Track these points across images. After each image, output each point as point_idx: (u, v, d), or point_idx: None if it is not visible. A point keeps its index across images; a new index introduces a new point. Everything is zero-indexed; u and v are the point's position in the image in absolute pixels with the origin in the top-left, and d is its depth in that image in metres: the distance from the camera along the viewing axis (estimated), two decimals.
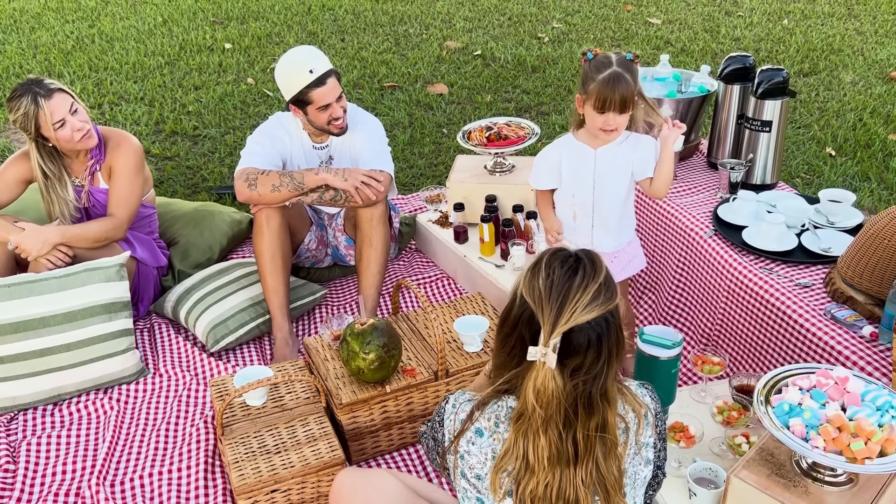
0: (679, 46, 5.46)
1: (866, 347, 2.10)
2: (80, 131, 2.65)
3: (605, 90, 2.08)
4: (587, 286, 1.26)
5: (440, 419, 1.43)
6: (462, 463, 1.36)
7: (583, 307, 1.24)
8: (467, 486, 1.37)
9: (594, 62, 2.13)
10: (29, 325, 2.43)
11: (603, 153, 2.25)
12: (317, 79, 2.58)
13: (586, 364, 1.26)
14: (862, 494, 1.64)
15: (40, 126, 2.61)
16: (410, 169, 4.04)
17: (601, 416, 1.29)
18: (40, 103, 2.58)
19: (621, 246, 2.38)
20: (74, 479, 2.24)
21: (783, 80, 2.76)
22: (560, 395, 1.25)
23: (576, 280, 1.26)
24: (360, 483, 1.79)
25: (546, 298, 1.25)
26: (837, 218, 2.61)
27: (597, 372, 1.27)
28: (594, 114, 2.14)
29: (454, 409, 1.40)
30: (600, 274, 1.29)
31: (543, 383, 1.25)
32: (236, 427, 2.19)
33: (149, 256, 2.91)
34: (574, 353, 1.25)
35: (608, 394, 1.29)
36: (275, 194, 2.63)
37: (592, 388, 1.27)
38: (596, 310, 1.25)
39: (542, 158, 2.35)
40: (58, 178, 2.73)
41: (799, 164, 3.91)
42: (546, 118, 4.55)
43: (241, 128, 4.49)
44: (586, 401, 1.27)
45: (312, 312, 2.99)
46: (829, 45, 5.41)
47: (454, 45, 5.62)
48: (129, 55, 5.51)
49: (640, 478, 1.38)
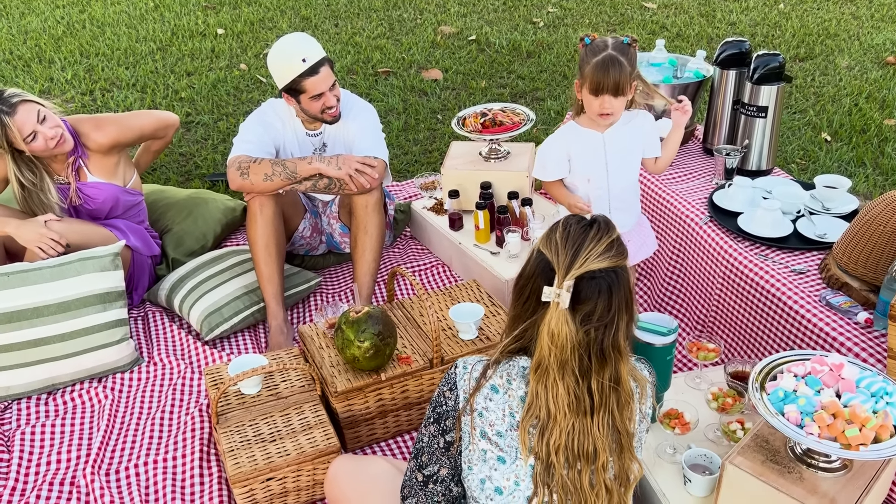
0: (675, 31, 5.43)
1: (861, 334, 2.10)
2: (53, 139, 2.60)
3: (599, 74, 2.09)
4: (601, 238, 1.36)
5: (450, 385, 1.46)
6: (481, 421, 1.40)
7: (596, 255, 1.34)
8: (488, 446, 1.40)
9: (590, 47, 2.13)
10: (23, 314, 2.42)
11: (611, 135, 2.25)
12: (310, 68, 2.55)
13: (597, 312, 1.33)
14: (856, 480, 1.64)
15: (12, 142, 2.57)
16: (405, 156, 4.02)
17: (613, 367, 1.36)
18: (5, 122, 2.51)
19: (634, 220, 2.39)
20: (69, 468, 2.24)
21: (779, 65, 2.75)
22: (573, 339, 1.32)
23: (590, 232, 1.37)
24: (356, 470, 1.80)
25: (562, 246, 1.36)
26: (833, 204, 2.61)
27: (607, 321, 1.34)
28: (591, 98, 2.15)
29: (466, 370, 1.45)
30: (613, 232, 1.39)
31: (557, 326, 1.32)
32: (231, 415, 2.18)
33: (142, 245, 2.90)
34: (586, 299, 1.33)
35: (619, 347, 1.36)
36: (267, 183, 2.62)
37: (604, 337, 1.34)
38: (607, 260, 1.34)
39: (548, 149, 2.32)
40: (38, 187, 2.68)
41: (794, 149, 3.91)
42: (541, 104, 4.53)
43: (235, 114, 4.46)
44: (598, 349, 1.35)
45: (307, 300, 2.98)
46: (826, 29, 5.39)
47: (449, 30, 5.58)
48: (121, 41, 5.46)
49: (642, 443, 1.48)
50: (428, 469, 1.47)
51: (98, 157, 2.79)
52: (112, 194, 2.82)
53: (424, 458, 1.48)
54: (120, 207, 2.88)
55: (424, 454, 1.48)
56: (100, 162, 2.79)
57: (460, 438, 1.43)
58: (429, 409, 1.50)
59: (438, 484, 1.46)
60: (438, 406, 1.47)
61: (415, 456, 1.50)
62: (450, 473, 1.46)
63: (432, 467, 1.46)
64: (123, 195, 2.87)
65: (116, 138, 2.77)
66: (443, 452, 1.46)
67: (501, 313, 2.47)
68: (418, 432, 1.51)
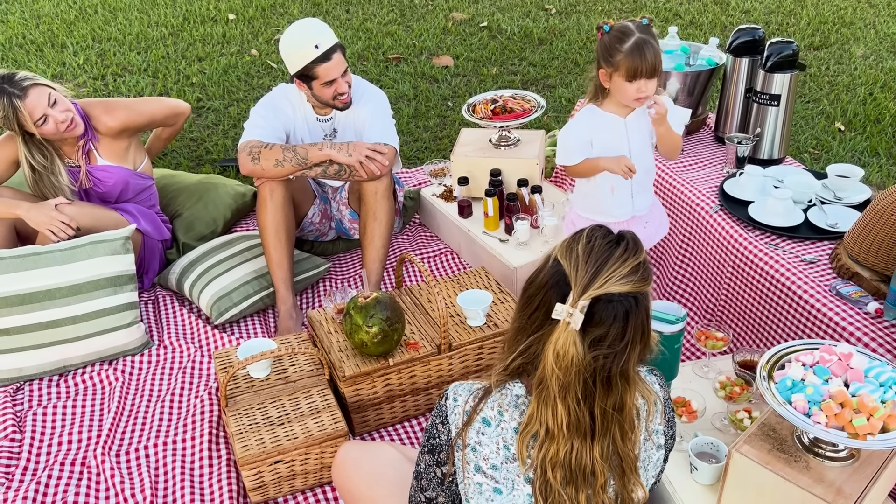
0: (688, 19, 5.39)
1: (871, 324, 2.09)
2: (63, 122, 2.62)
3: (635, 58, 2.04)
4: (627, 259, 1.24)
5: (441, 418, 1.38)
6: (475, 455, 1.33)
7: (619, 277, 1.22)
8: (483, 479, 1.33)
9: (613, 33, 2.08)
10: (35, 297, 2.44)
11: (633, 120, 2.23)
12: (322, 54, 2.55)
13: (609, 338, 1.23)
14: (863, 470, 1.64)
15: (23, 125, 2.58)
16: (415, 142, 4.02)
17: (618, 395, 1.27)
18: (16, 105, 2.53)
19: (651, 202, 2.37)
20: (80, 448, 2.27)
21: (793, 53, 2.72)
22: (580, 363, 1.23)
23: (616, 251, 1.25)
24: (363, 456, 1.81)
25: (583, 261, 1.24)
26: (845, 193, 2.59)
27: (619, 350, 1.24)
28: (625, 84, 2.09)
29: (456, 402, 1.37)
30: (641, 254, 1.27)
31: (564, 347, 1.22)
32: (240, 399, 2.20)
33: (153, 229, 2.91)
34: (599, 323, 1.23)
35: (627, 376, 1.27)
36: (278, 169, 2.62)
37: (612, 365, 1.25)
38: (630, 284, 1.23)
39: (570, 134, 2.28)
40: (49, 170, 2.70)
41: (807, 139, 3.88)
42: (552, 91, 4.51)
43: (245, 100, 4.46)
44: (605, 377, 1.25)
45: (316, 286, 3.00)
46: (841, 17, 5.33)
47: (460, 17, 5.55)
48: (133, 26, 5.47)
49: (653, 461, 1.39)
50: (428, 493, 1.42)
51: (108, 140, 2.80)
52: (122, 178, 2.84)
53: (424, 483, 1.42)
54: (130, 191, 2.89)
55: (423, 479, 1.42)
56: (110, 145, 2.81)
57: (454, 472, 1.37)
58: (423, 436, 1.43)
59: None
60: (432, 438, 1.39)
61: (416, 476, 1.45)
62: (447, 500, 1.41)
63: (431, 492, 1.42)
64: (134, 179, 2.88)
65: (126, 122, 2.79)
66: (439, 482, 1.40)
67: (509, 300, 2.48)
68: (419, 452, 1.44)
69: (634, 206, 2.33)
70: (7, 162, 2.73)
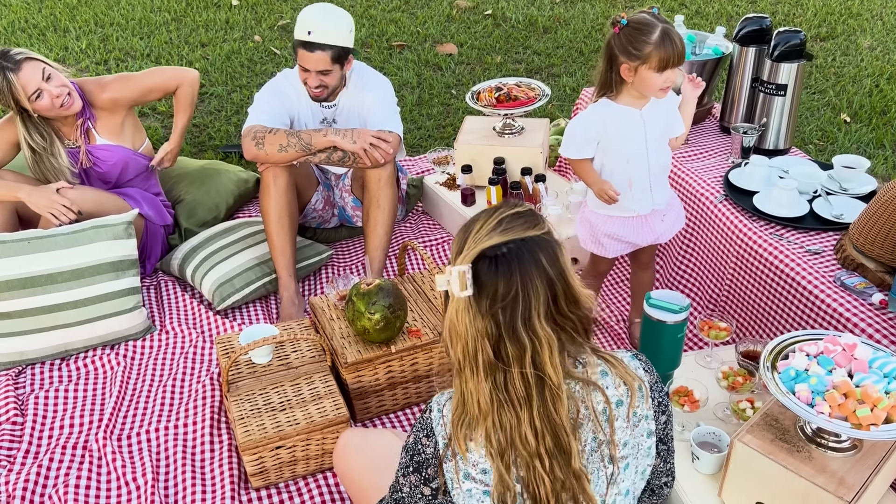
0: (694, 8, 5.35)
1: (875, 315, 2.09)
2: (59, 97, 2.60)
3: (667, 48, 2.01)
4: (493, 214, 1.26)
5: (426, 431, 1.33)
6: (464, 464, 1.30)
7: (486, 231, 1.23)
8: (473, 484, 1.30)
9: (634, 26, 2.03)
10: (37, 281, 2.44)
11: (649, 112, 2.18)
12: (308, 42, 2.54)
13: (500, 291, 1.21)
14: (866, 460, 1.64)
15: (18, 100, 2.57)
16: (418, 130, 4.00)
17: (531, 352, 1.23)
18: (10, 78, 2.51)
19: (668, 195, 2.35)
20: (82, 432, 2.27)
21: (800, 42, 2.70)
22: (478, 328, 1.22)
23: (483, 214, 1.28)
24: (364, 442, 1.81)
25: (460, 233, 1.29)
26: (850, 184, 2.58)
27: (514, 301, 1.21)
28: (653, 75, 2.04)
29: (440, 413, 1.33)
30: (515, 208, 1.28)
31: (456, 316, 1.22)
32: (242, 384, 2.20)
33: (155, 214, 2.90)
34: (486, 283, 1.21)
35: (535, 330, 1.22)
36: (282, 154, 2.61)
37: (514, 319, 1.21)
38: (502, 235, 1.22)
39: (580, 126, 2.21)
40: (49, 151, 2.69)
41: (813, 129, 3.86)
42: (557, 80, 4.49)
43: (248, 86, 4.45)
44: (511, 332, 1.22)
45: (319, 273, 2.99)
46: (848, 8, 5.29)
47: (464, 4, 5.52)
48: (135, 11, 5.44)
49: (644, 448, 1.36)
50: None
51: (105, 115, 2.79)
52: (122, 157, 2.83)
53: None
54: (130, 171, 2.88)
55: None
56: (107, 122, 2.79)
57: (445, 484, 1.32)
58: (404, 456, 1.36)
59: None
60: (417, 454, 1.34)
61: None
62: None
63: None
64: (133, 159, 2.87)
65: (119, 93, 2.77)
66: (428, 502, 1.35)
67: None
68: (395, 480, 1.39)
69: (654, 200, 2.29)
70: (8, 144, 2.72)
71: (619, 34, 2.06)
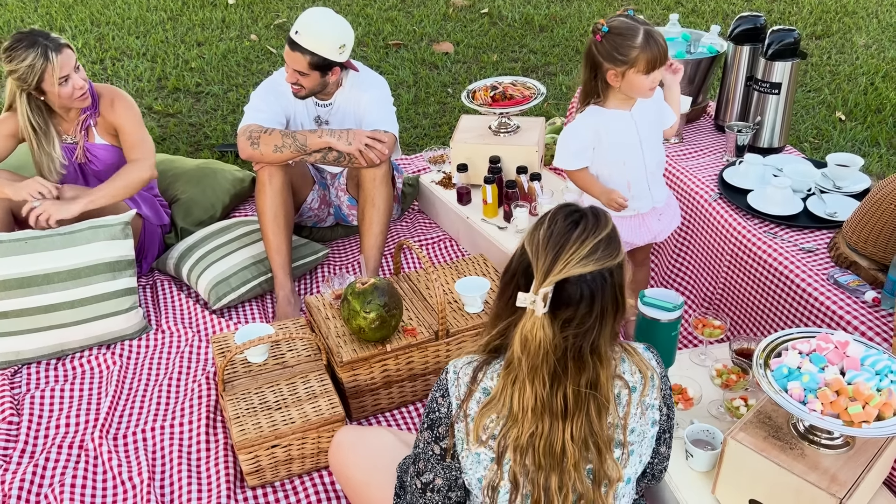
0: (689, 7, 5.36)
1: (868, 313, 2.09)
2: (80, 89, 2.63)
3: (652, 50, 2.02)
4: (585, 239, 1.26)
5: (442, 391, 1.40)
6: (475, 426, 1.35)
7: (578, 259, 1.25)
8: (482, 448, 1.36)
9: (617, 31, 2.04)
10: (33, 280, 2.44)
11: (638, 112, 2.20)
12: (291, 40, 2.56)
13: (577, 317, 1.26)
14: (858, 457, 1.64)
15: (43, 80, 2.57)
16: (414, 129, 4.00)
17: (592, 372, 1.29)
18: (51, 57, 2.53)
19: (665, 192, 2.36)
20: (78, 432, 2.27)
21: (794, 41, 2.71)
22: (548, 345, 1.26)
23: (575, 233, 1.27)
24: (359, 440, 1.81)
25: (543, 248, 1.27)
26: (844, 182, 2.59)
27: (588, 327, 1.27)
28: (641, 78, 2.06)
29: (456, 375, 1.39)
30: (602, 230, 1.28)
31: (531, 331, 1.25)
32: (237, 383, 2.20)
33: (152, 214, 2.91)
34: (566, 304, 1.26)
35: (600, 351, 1.29)
36: (277, 154, 2.61)
37: (583, 342, 1.27)
38: (592, 264, 1.25)
39: (573, 138, 2.21)
40: (44, 133, 2.70)
41: (808, 128, 3.87)
42: (553, 79, 4.49)
43: (245, 85, 4.45)
44: (576, 354, 1.28)
45: (314, 271, 2.99)
46: (843, 6, 5.30)
47: (460, 3, 5.52)
48: (131, 10, 5.43)
49: (648, 437, 1.41)
50: (425, 477, 1.44)
51: (106, 123, 2.80)
52: (119, 159, 2.83)
53: (421, 465, 1.44)
54: None
55: (421, 461, 1.44)
56: (108, 127, 2.80)
57: (454, 446, 1.39)
58: (424, 412, 1.45)
59: (435, 493, 1.43)
60: (432, 412, 1.41)
61: (414, 460, 1.47)
62: (445, 483, 1.42)
63: (428, 475, 1.43)
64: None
65: (118, 122, 2.75)
66: (438, 461, 1.41)
67: None
68: (418, 431, 1.46)
69: (654, 198, 2.31)
70: (6, 135, 2.71)
71: (602, 41, 2.06)
